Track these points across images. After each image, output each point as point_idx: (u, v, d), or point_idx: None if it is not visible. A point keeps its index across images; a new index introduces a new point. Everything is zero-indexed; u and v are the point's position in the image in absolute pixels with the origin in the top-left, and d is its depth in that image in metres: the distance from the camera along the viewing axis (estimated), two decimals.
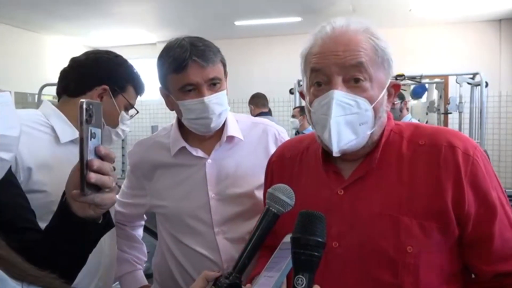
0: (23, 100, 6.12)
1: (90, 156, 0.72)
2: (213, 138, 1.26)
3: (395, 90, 0.92)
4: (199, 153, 1.26)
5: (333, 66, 0.85)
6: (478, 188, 0.83)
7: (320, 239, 0.69)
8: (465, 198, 0.82)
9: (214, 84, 1.18)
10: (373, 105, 0.85)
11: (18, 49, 5.99)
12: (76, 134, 1.18)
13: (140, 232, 1.55)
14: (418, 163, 0.86)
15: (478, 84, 4.80)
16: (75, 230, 0.79)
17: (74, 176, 0.76)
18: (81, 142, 0.72)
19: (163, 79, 1.21)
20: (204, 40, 1.20)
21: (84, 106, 0.70)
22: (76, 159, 0.77)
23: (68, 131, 1.19)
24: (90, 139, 0.72)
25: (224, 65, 1.23)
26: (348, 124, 0.85)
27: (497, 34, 6.37)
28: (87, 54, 1.29)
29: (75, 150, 1.14)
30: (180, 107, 1.19)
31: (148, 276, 1.56)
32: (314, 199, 0.93)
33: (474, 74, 4.87)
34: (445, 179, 0.83)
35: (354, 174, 0.91)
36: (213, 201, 1.24)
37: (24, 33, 6.30)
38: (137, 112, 1.36)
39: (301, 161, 1.03)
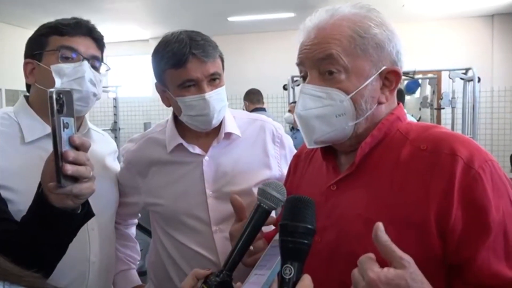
0: (14, 98, 6.06)
1: (65, 147, 0.70)
2: (210, 134, 1.24)
3: (395, 78, 0.85)
4: (196, 150, 1.23)
5: (307, 60, 0.85)
6: (472, 205, 0.73)
7: (309, 226, 0.66)
8: (451, 212, 0.74)
9: (214, 80, 1.16)
10: (350, 95, 0.81)
11: (9, 46, 5.92)
12: (47, 129, 1.09)
13: (133, 230, 1.53)
14: (413, 169, 0.79)
15: (470, 80, 4.82)
16: (54, 221, 0.78)
17: (49, 166, 0.74)
18: (54, 134, 0.70)
19: (161, 74, 1.17)
20: (202, 34, 1.17)
21: (54, 96, 0.68)
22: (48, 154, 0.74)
23: (37, 128, 1.10)
24: (63, 130, 0.70)
25: (222, 60, 1.20)
26: (321, 116, 0.82)
27: (490, 29, 6.41)
28: None
29: (47, 146, 1.06)
30: (179, 104, 1.16)
31: (142, 274, 1.55)
32: (310, 194, 0.93)
33: (467, 70, 4.89)
34: (434, 188, 0.76)
35: (347, 169, 0.88)
36: (211, 199, 1.22)
37: (15, 29, 6.23)
38: (98, 61, 1.20)
39: (312, 157, 1.02)
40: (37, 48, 1.15)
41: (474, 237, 0.73)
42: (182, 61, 1.10)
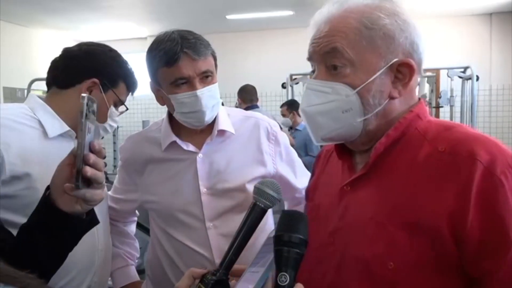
0: (12, 96, 6.05)
1: (85, 150, 0.73)
2: (204, 132, 1.25)
3: (408, 71, 0.78)
4: (190, 147, 1.24)
5: (314, 55, 0.82)
6: (491, 213, 0.67)
7: (302, 237, 0.68)
8: (467, 217, 0.68)
9: (206, 77, 1.17)
10: (356, 90, 0.77)
11: (6, 43, 5.91)
12: (64, 127, 1.17)
13: (132, 228, 1.54)
14: (429, 171, 0.74)
15: (469, 78, 4.83)
16: (60, 225, 0.78)
17: (62, 170, 0.76)
18: (80, 136, 0.73)
19: (154, 73, 1.19)
20: (194, 33, 1.19)
21: (86, 101, 0.72)
22: (65, 153, 0.77)
23: (56, 125, 1.17)
24: (87, 134, 0.73)
25: (215, 58, 1.22)
26: (327, 112, 0.79)
27: (488, 28, 6.41)
28: (80, 45, 1.25)
29: (64, 144, 1.16)
30: (172, 101, 1.18)
31: (141, 272, 1.55)
32: (323, 196, 0.91)
33: (465, 68, 4.90)
34: (448, 192, 0.70)
35: (361, 170, 0.83)
36: (205, 196, 1.23)
37: (13, 27, 6.22)
38: (127, 109, 1.32)
39: (331, 155, 0.98)
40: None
41: (493, 249, 0.68)
42: (173, 59, 1.12)
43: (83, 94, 0.72)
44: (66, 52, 1.23)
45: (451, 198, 0.70)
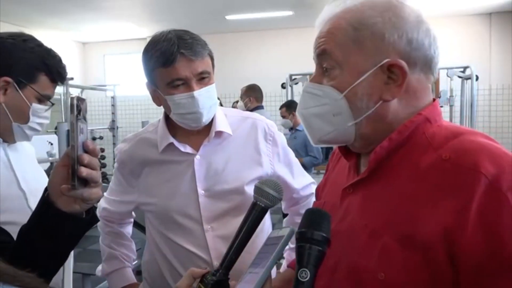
0: None
1: (79, 151, 0.74)
2: (201, 133, 1.24)
3: (400, 72, 0.72)
4: (187, 149, 1.23)
5: (315, 57, 0.81)
6: (493, 232, 0.61)
7: (324, 234, 0.68)
8: (464, 235, 0.62)
9: (203, 78, 1.16)
10: (344, 93, 0.74)
11: None
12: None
13: (129, 229, 1.53)
14: (430, 181, 0.69)
15: (468, 78, 4.83)
16: (59, 225, 0.79)
17: (59, 171, 0.77)
18: (73, 138, 0.73)
19: (150, 73, 1.18)
20: (190, 33, 1.17)
21: (75, 102, 0.72)
22: None
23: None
24: (79, 135, 0.73)
25: (212, 58, 1.21)
26: (320, 115, 0.78)
27: (488, 27, 6.42)
28: None
29: None
30: (168, 102, 1.16)
31: (139, 273, 1.55)
32: (330, 195, 0.90)
33: (465, 68, 4.90)
34: (446, 205, 0.65)
35: (363, 173, 0.79)
36: (202, 197, 1.22)
37: (12, 28, 6.18)
38: (52, 104, 1.19)
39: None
40: None
41: (491, 272, 0.62)
42: (170, 60, 1.11)
43: (72, 96, 0.72)
44: None
45: (448, 213, 0.64)
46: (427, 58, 0.75)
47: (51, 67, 1.13)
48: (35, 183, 1.19)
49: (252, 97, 4.47)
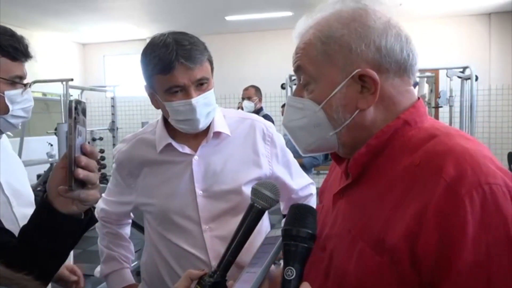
0: None
1: (77, 153, 0.74)
2: (199, 134, 1.24)
3: (371, 81, 0.72)
4: (186, 149, 1.24)
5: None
6: (446, 235, 0.61)
7: (310, 231, 0.69)
8: (422, 238, 0.62)
9: (202, 84, 1.16)
10: (321, 105, 0.76)
11: None
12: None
13: (127, 230, 1.53)
14: (401, 187, 0.69)
15: (468, 78, 4.83)
16: (58, 226, 0.80)
17: (57, 173, 0.78)
18: (70, 140, 0.74)
19: (148, 78, 1.18)
20: (189, 36, 1.17)
21: (73, 105, 0.72)
22: None
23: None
24: (77, 137, 0.74)
25: (211, 62, 1.20)
26: (303, 127, 0.80)
27: (487, 28, 6.42)
28: None
29: None
30: (166, 108, 1.17)
31: (139, 273, 1.55)
32: (327, 198, 0.91)
33: (464, 68, 4.90)
34: (410, 210, 0.65)
35: (349, 179, 0.80)
36: (201, 198, 1.22)
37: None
38: (26, 84, 1.14)
39: None
40: None
41: (442, 276, 0.61)
42: (169, 67, 1.10)
43: (70, 99, 0.73)
44: None
45: (412, 217, 0.64)
46: (400, 63, 0.74)
47: (4, 46, 1.05)
48: (16, 182, 1.20)
49: (259, 98, 4.62)
